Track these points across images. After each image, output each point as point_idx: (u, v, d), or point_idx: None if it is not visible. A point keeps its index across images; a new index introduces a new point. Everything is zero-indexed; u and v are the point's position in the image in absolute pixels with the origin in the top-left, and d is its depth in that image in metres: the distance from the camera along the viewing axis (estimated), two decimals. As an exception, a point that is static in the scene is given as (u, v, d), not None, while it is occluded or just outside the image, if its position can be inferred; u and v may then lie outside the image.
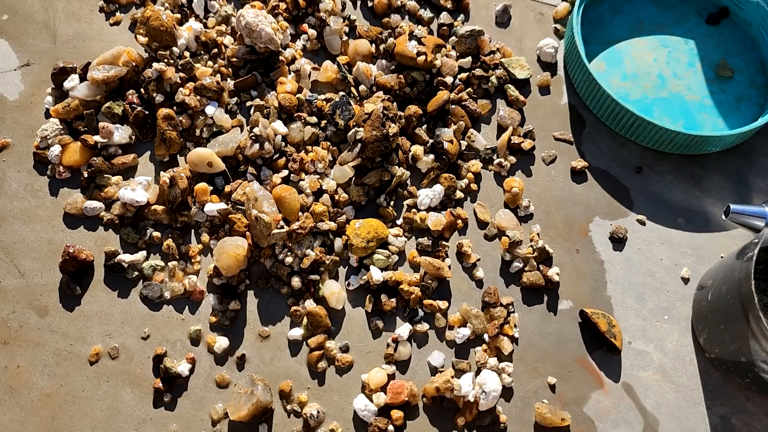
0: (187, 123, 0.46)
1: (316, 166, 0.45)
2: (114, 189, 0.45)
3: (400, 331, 0.42)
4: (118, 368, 0.41)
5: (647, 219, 0.47)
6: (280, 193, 0.43)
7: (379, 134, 0.44)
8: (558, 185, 0.47)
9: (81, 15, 0.51)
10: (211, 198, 0.44)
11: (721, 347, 0.41)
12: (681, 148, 0.47)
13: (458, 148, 0.47)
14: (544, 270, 0.44)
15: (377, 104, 0.44)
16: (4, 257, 0.44)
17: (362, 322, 0.43)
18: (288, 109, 0.47)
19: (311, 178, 0.45)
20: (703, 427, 0.41)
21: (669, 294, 0.45)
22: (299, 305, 0.43)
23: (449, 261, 0.45)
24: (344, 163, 0.45)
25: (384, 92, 0.48)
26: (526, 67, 0.50)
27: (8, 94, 0.48)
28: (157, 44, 0.47)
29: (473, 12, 0.53)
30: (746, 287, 0.37)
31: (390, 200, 0.46)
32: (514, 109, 0.49)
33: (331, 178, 0.45)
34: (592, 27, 0.52)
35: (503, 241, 0.45)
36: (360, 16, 0.51)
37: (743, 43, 0.52)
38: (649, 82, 0.51)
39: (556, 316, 0.44)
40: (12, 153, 0.46)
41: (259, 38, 0.47)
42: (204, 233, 0.44)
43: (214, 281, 0.43)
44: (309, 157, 0.45)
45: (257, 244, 0.43)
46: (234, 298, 0.43)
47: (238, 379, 0.41)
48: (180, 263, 0.44)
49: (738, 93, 0.50)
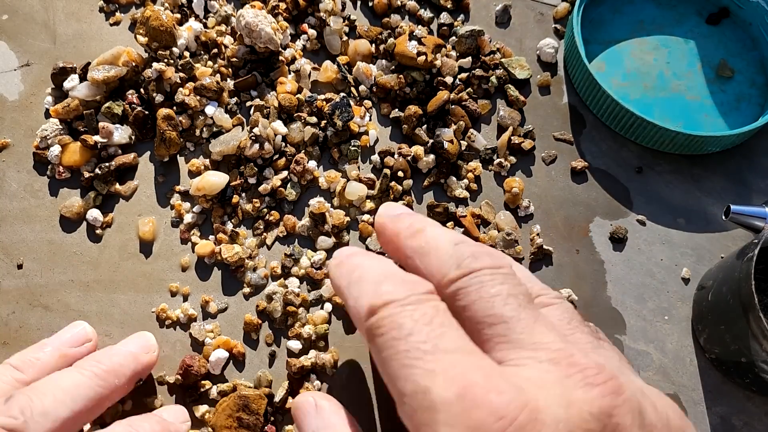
0: (187, 123, 0.46)
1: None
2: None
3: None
4: (118, 368, 0.41)
5: (647, 219, 0.47)
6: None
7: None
8: (558, 185, 0.47)
9: (81, 15, 0.51)
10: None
11: (722, 347, 0.41)
12: (681, 148, 0.47)
13: (458, 149, 0.47)
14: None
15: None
16: (4, 257, 0.44)
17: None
18: (288, 109, 0.47)
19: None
20: (703, 427, 0.41)
21: (669, 294, 0.45)
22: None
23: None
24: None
25: (384, 92, 0.48)
26: (526, 67, 0.50)
27: (8, 94, 0.48)
28: (157, 44, 0.47)
29: (473, 12, 0.52)
30: (746, 287, 0.37)
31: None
32: (514, 109, 0.49)
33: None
34: (592, 27, 0.52)
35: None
36: (360, 16, 0.51)
37: (743, 43, 0.52)
38: (649, 82, 0.51)
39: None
40: (12, 153, 0.46)
41: (258, 38, 0.46)
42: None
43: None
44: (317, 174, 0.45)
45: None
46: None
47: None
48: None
49: (738, 93, 0.50)
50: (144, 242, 0.45)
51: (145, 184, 0.46)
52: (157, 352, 0.40)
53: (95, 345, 0.39)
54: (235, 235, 0.44)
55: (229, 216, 0.45)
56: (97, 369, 0.35)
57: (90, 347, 0.39)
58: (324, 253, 0.44)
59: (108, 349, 0.38)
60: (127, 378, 0.37)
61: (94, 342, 0.39)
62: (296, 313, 0.42)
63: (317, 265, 0.44)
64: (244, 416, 0.38)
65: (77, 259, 0.44)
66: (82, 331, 0.39)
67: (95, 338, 0.40)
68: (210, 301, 0.43)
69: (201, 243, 0.44)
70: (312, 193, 0.46)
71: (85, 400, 0.34)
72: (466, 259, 0.27)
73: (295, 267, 0.44)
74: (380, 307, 0.25)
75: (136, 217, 0.45)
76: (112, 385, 0.35)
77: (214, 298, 0.43)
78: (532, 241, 0.45)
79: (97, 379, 0.35)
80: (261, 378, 0.41)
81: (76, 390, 0.34)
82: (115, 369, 0.36)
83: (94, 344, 0.39)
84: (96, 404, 0.35)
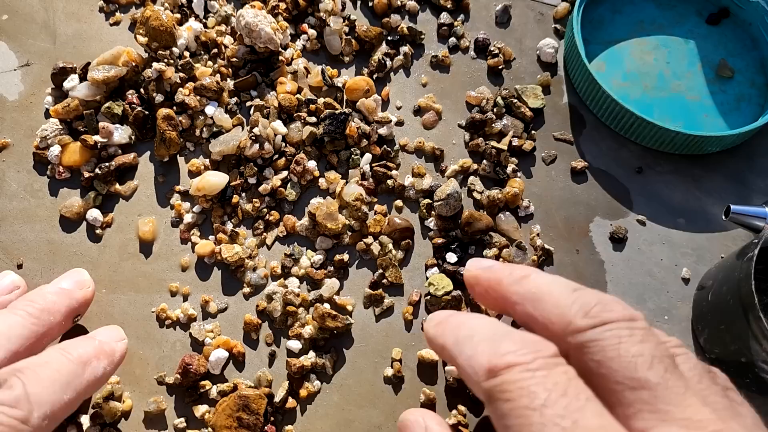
0: (187, 123, 0.46)
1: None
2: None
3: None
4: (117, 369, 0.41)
5: (647, 219, 0.47)
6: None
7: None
8: (558, 185, 0.47)
9: (81, 15, 0.51)
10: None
11: (721, 348, 0.41)
12: (681, 148, 0.47)
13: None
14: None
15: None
16: (4, 257, 0.44)
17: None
18: (288, 109, 0.47)
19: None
20: (703, 428, 0.41)
21: (669, 294, 0.45)
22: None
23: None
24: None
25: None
26: (540, 97, 0.49)
27: (8, 94, 0.48)
28: (157, 44, 0.47)
29: (473, 12, 0.52)
30: (746, 287, 0.37)
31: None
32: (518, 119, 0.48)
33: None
34: (592, 27, 0.52)
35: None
36: (360, 16, 0.51)
37: (743, 43, 0.52)
38: (649, 82, 0.51)
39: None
40: (12, 153, 0.46)
41: (258, 38, 0.46)
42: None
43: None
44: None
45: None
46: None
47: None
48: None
49: (738, 93, 0.50)
50: (144, 242, 0.45)
51: (145, 184, 0.46)
52: (92, 288, 0.40)
53: (24, 291, 0.40)
54: (235, 235, 0.44)
55: (229, 216, 0.45)
56: (30, 308, 0.35)
57: (20, 294, 0.39)
58: (324, 253, 0.44)
59: (40, 288, 0.38)
60: (62, 314, 0.37)
61: (22, 289, 0.39)
62: (296, 313, 0.42)
63: (317, 265, 0.44)
64: (244, 416, 0.38)
65: (77, 259, 0.44)
66: (9, 278, 0.39)
67: (24, 285, 0.40)
68: (210, 301, 0.43)
69: (201, 243, 0.44)
70: (312, 193, 0.46)
71: (21, 339, 0.34)
72: (595, 307, 0.25)
73: (295, 267, 0.44)
74: (503, 369, 0.24)
75: (136, 217, 0.45)
76: (47, 322, 0.35)
77: (214, 298, 0.43)
78: (532, 241, 0.45)
79: (31, 317, 0.35)
80: (261, 378, 0.41)
81: (10, 330, 0.34)
82: (48, 307, 0.36)
83: (23, 291, 0.40)
84: (33, 343, 0.34)
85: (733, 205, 0.43)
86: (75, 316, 0.39)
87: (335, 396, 0.41)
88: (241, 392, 0.39)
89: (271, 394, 0.40)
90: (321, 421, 0.41)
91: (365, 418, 0.41)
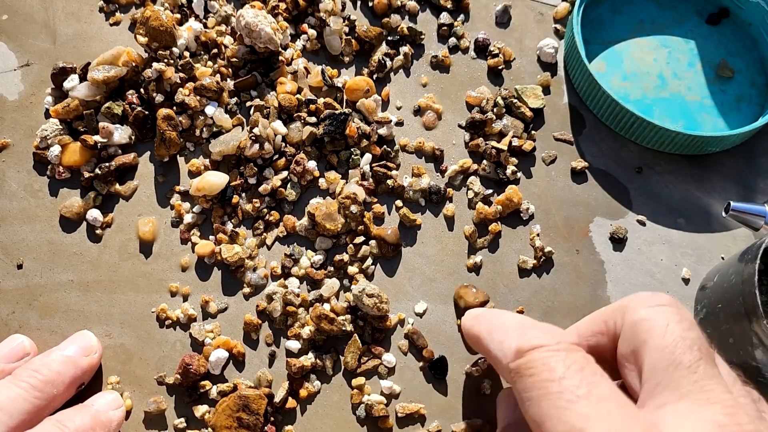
0: (187, 123, 0.46)
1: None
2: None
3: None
4: (117, 369, 0.41)
5: (647, 219, 0.47)
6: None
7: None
8: (558, 185, 0.47)
9: (81, 15, 0.51)
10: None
11: (722, 348, 0.41)
12: (681, 148, 0.47)
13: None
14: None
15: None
16: (4, 257, 0.44)
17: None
18: (288, 109, 0.47)
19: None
20: (703, 428, 0.41)
21: (669, 294, 0.44)
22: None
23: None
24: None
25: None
26: (540, 97, 0.49)
27: (8, 94, 0.48)
28: (157, 44, 0.47)
29: (473, 12, 0.52)
30: (748, 288, 0.37)
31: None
32: (518, 119, 0.48)
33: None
34: (592, 27, 0.52)
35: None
36: (360, 16, 0.51)
37: (743, 43, 0.52)
38: (649, 82, 0.51)
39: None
40: (12, 153, 0.46)
41: (258, 38, 0.46)
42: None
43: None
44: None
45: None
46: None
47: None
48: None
49: (738, 93, 0.50)
50: (144, 242, 0.45)
51: (145, 184, 0.46)
52: (99, 353, 0.39)
53: (35, 355, 0.38)
54: (235, 235, 0.44)
55: (229, 216, 0.45)
56: (34, 380, 0.34)
57: (29, 358, 0.38)
58: (324, 253, 0.44)
59: (45, 356, 0.37)
60: (66, 385, 0.36)
61: (32, 356, 0.38)
62: (296, 313, 0.42)
63: (317, 265, 0.44)
64: (244, 416, 0.38)
65: (77, 259, 0.44)
66: (20, 346, 0.38)
67: (34, 351, 0.38)
68: (210, 301, 0.43)
69: (201, 243, 0.44)
70: (312, 194, 0.46)
71: (22, 414, 0.33)
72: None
73: (295, 267, 0.44)
74: (529, 349, 0.27)
75: (136, 217, 0.45)
76: (50, 395, 0.34)
77: (214, 298, 0.43)
78: (532, 241, 0.45)
79: (34, 390, 0.34)
80: (261, 378, 0.41)
81: (13, 405, 0.33)
82: (52, 379, 0.35)
83: (34, 355, 0.38)
84: (34, 416, 0.33)
85: (733, 202, 0.43)
86: (79, 384, 0.38)
87: (335, 396, 0.41)
88: (241, 392, 0.39)
89: (271, 395, 0.40)
90: (321, 421, 0.41)
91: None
